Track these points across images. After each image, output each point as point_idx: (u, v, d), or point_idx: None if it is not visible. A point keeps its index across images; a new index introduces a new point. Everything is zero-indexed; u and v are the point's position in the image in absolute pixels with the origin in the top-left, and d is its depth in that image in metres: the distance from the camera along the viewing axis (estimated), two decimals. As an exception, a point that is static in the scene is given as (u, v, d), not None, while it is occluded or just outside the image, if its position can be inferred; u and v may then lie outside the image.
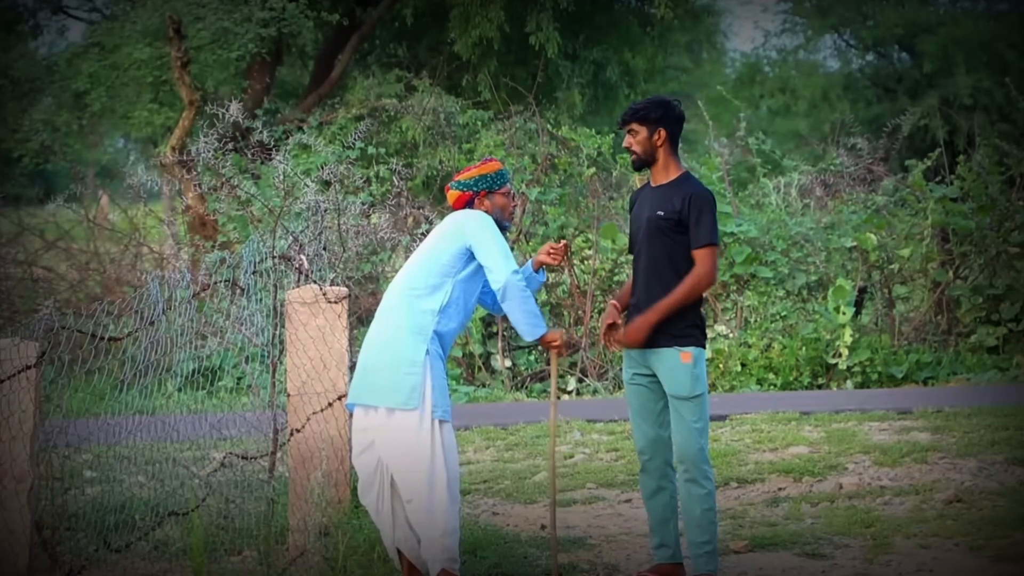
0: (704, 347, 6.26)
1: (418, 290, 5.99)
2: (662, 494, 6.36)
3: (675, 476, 6.38)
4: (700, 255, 6.19)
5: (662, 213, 6.19)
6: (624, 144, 6.34)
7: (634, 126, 6.26)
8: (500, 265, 5.98)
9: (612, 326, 6.35)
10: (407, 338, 5.91)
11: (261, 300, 7.31)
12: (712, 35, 33.01)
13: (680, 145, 6.43)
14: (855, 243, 14.43)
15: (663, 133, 6.25)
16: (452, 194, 6.25)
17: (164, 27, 16.01)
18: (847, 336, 13.49)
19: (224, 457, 7.43)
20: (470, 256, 6.06)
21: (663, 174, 6.30)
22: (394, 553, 6.06)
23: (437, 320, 5.96)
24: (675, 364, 6.18)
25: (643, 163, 6.31)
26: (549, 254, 6.37)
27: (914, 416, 10.49)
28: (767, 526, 7.59)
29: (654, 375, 6.29)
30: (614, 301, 6.46)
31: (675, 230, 6.19)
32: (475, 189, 6.24)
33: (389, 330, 5.96)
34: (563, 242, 6.41)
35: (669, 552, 6.39)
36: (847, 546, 7.15)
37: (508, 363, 14.02)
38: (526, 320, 6.02)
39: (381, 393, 5.89)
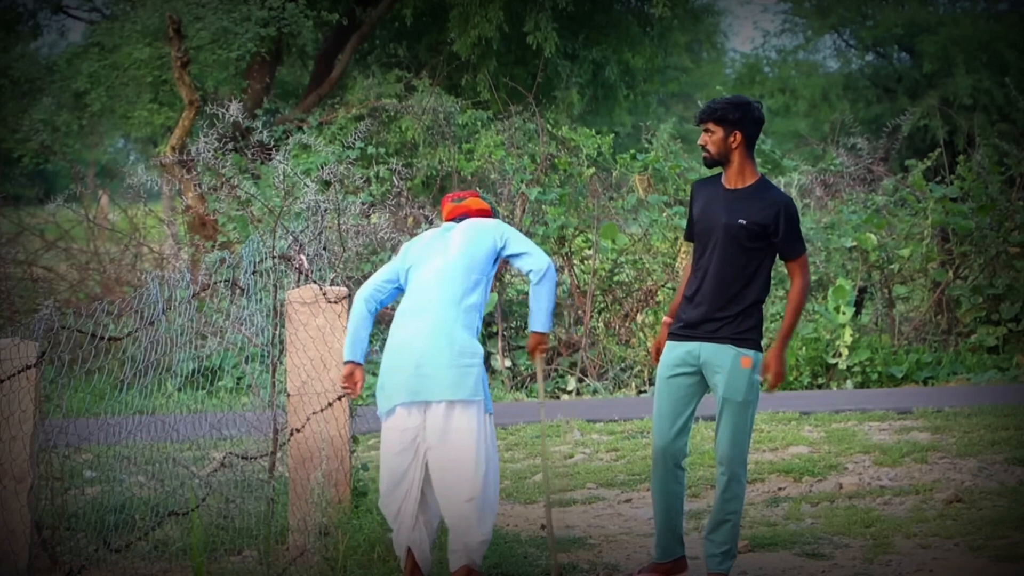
0: (762, 351, 6.27)
1: (461, 287, 6.07)
2: (671, 493, 6.36)
3: (684, 477, 6.40)
4: (798, 266, 6.24)
5: (744, 222, 6.17)
6: (699, 142, 6.30)
7: (710, 125, 6.23)
8: (539, 250, 6.19)
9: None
10: (462, 333, 5.99)
11: (261, 300, 7.31)
12: (712, 35, 33.03)
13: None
14: (855, 243, 14.43)
15: (739, 136, 6.21)
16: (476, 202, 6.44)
17: (164, 27, 16.01)
18: (847, 336, 13.49)
19: (224, 457, 7.43)
20: (497, 256, 6.19)
21: (738, 177, 6.26)
22: (403, 551, 6.06)
23: (478, 315, 6.09)
24: (735, 368, 6.19)
25: (716, 163, 6.29)
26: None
27: (914, 416, 10.48)
28: (767, 526, 7.60)
29: (698, 373, 6.29)
30: (668, 319, 6.44)
31: (754, 239, 6.19)
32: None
33: (440, 326, 5.99)
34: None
35: (670, 550, 6.40)
36: (847, 546, 7.15)
37: (508, 363, 14.02)
38: (551, 310, 6.17)
39: (443, 388, 5.92)
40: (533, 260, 6.13)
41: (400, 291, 6.23)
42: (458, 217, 6.33)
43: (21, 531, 5.55)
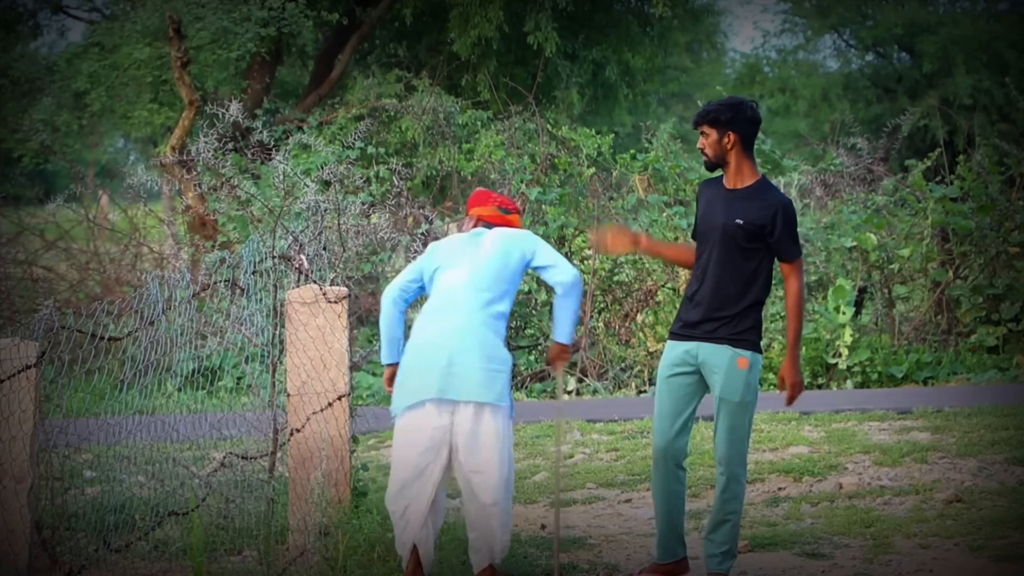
0: (760, 352, 6.28)
1: (490, 294, 6.12)
2: (672, 493, 6.37)
3: (685, 477, 6.41)
4: (793, 269, 6.25)
5: (741, 222, 6.18)
6: (697, 145, 6.34)
7: (705, 128, 6.26)
8: (567, 263, 6.28)
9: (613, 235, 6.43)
10: (492, 337, 6.05)
11: (261, 300, 7.30)
12: (712, 35, 33.05)
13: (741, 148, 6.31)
14: (855, 243, 14.43)
15: (733, 136, 6.22)
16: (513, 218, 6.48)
17: (164, 27, 16.02)
18: (847, 336, 13.49)
19: (224, 457, 7.43)
20: (525, 268, 6.27)
21: (737, 177, 6.28)
22: (407, 549, 6.06)
23: (504, 324, 6.16)
24: (731, 368, 6.19)
25: (714, 165, 6.31)
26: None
27: (914, 416, 10.48)
28: (767, 526, 7.60)
29: (697, 373, 6.29)
30: (644, 239, 6.44)
31: (751, 240, 6.20)
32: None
33: (469, 327, 6.03)
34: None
35: (672, 550, 6.40)
36: (847, 546, 7.15)
37: (508, 363, 14.00)
38: (575, 322, 6.24)
39: (472, 389, 5.95)
40: (560, 273, 6.19)
41: (423, 290, 6.24)
42: (489, 223, 6.33)
43: (21, 531, 5.56)
